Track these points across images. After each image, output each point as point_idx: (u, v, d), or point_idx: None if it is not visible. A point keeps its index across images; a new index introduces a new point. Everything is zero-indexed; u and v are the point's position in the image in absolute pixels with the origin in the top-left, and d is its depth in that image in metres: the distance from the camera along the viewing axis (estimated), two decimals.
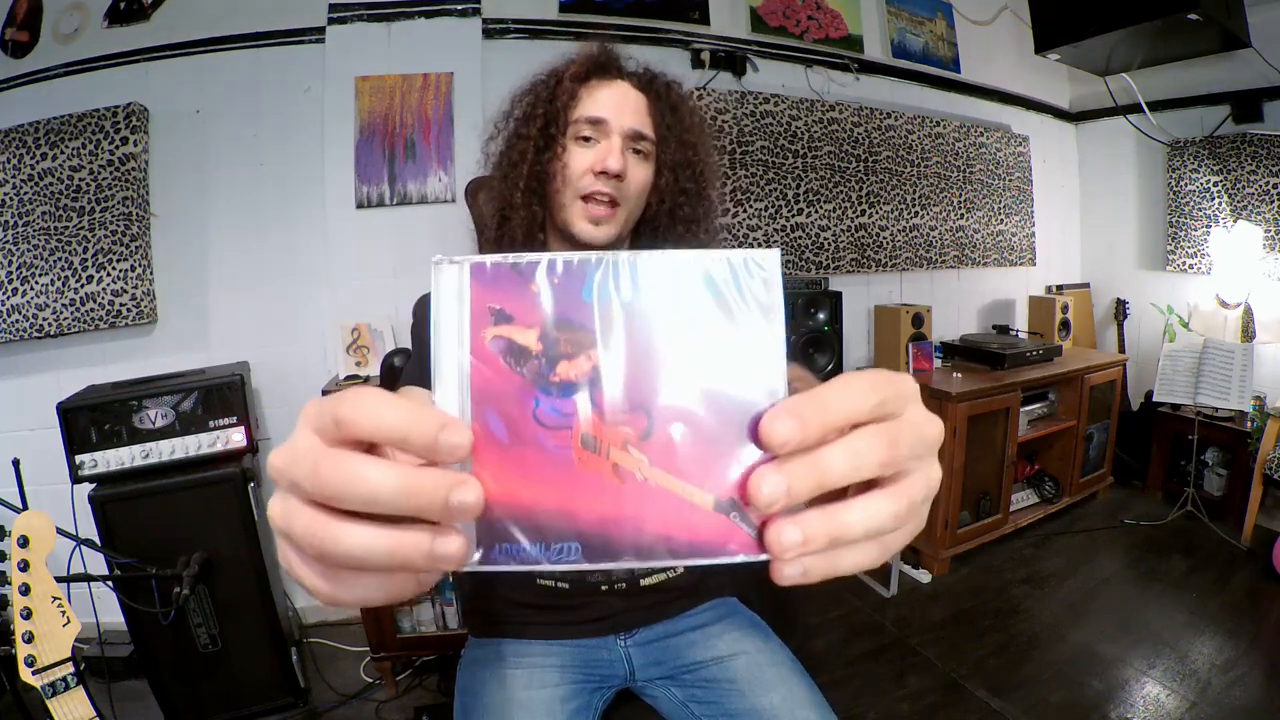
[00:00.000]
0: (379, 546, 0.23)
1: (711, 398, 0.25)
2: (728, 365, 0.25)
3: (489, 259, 0.25)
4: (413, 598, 0.24)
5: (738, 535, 0.25)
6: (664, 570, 0.90)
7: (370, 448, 0.24)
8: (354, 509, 0.23)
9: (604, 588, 0.88)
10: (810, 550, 0.25)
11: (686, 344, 0.25)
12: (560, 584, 0.87)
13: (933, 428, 0.28)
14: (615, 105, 0.80)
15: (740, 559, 0.25)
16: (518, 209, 0.81)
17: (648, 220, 0.85)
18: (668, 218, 0.84)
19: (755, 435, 0.24)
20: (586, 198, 0.78)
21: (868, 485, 0.26)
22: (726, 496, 0.25)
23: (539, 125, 0.80)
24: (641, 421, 0.25)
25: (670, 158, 0.82)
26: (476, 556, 0.24)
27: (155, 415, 1.65)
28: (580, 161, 0.79)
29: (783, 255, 2.49)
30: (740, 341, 0.25)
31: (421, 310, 0.89)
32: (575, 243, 0.80)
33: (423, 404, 0.24)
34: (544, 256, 0.25)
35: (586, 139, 0.79)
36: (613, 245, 0.80)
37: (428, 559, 0.23)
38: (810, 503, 0.25)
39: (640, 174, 0.81)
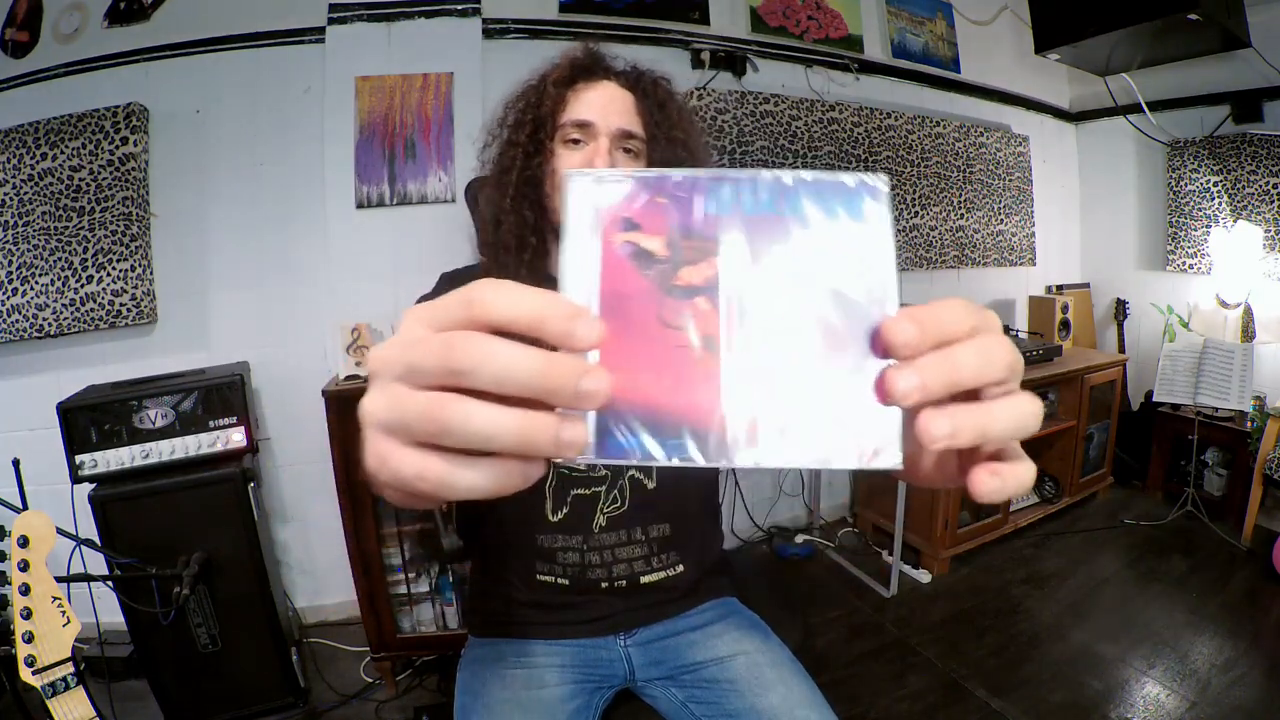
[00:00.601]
0: (510, 425, 0.23)
1: (829, 308, 0.26)
2: (843, 278, 0.26)
3: (620, 171, 0.27)
4: (515, 490, 0.23)
5: (850, 440, 0.25)
6: (665, 569, 0.90)
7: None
8: (483, 388, 0.23)
9: (604, 585, 0.88)
10: (958, 445, 0.25)
11: (804, 257, 0.26)
12: (560, 580, 0.88)
13: (1020, 355, 0.27)
14: (601, 107, 0.80)
15: (848, 465, 0.25)
16: (508, 214, 0.82)
17: None
18: None
19: (873, 344, 0.25)
20: None
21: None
22: (847, 403, 0.25)
23: (528, 131, 0.81)
24: (759, 325, 0.26)
25: (660, 155, 0.82)
26: (594, 447, 0.24)
27: (155, 415, 1.65)
28: (569, 164, 0.79)
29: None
30: (854, 257, 0.26)
31: (446, 276, 0.93)
32: None
33: (555, 294, 0.24)
34: (673, 171, 0.27)
35: (575, 142, 0.80)
36: None
37: (554, 443, 0.23)
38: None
39: None
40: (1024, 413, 0.26)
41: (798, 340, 0.25)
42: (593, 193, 0.26)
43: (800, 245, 0.26)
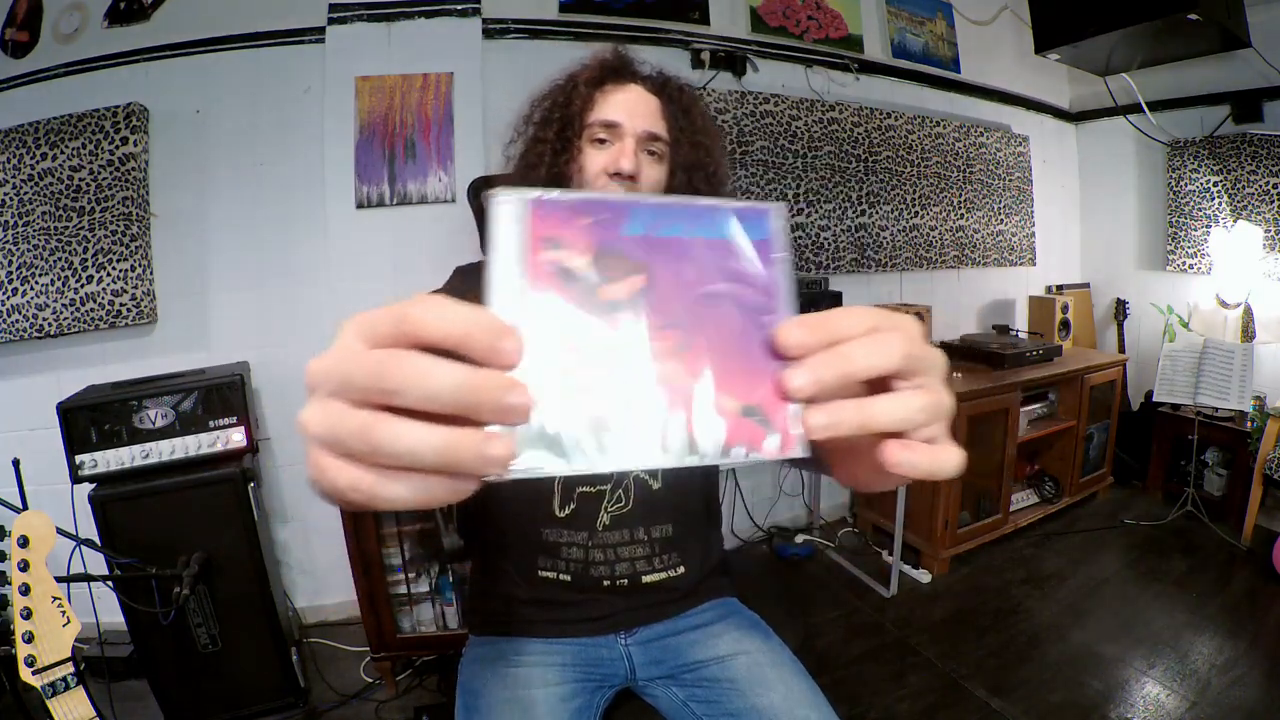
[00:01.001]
0: (434, 442, 0.23)
1: (734, 319, 0.29)
2: (746, 291, 0.29)
3: (546, 194, 0.28)
4: (444, 504, 0.24)
5: (760, 435, 0.27)
6: (666, 569, 0.90)
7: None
8: (411, 405, 0.23)
9: (605, 583, 0.88)
10: (839, 434, 0.27)
11: (712, 274, 0.29)
12: (563, 576, 0.88)
13: (936, 350, 0.30)
14: (629, 109, 0.82)
15: (760, 457, 0.27)
16: None
17: None
18: None
19: (774, 349, 0.28)
20: None
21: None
22: (750, 402, 0.28)
23: (556, 129, 0.83)
24: (676, 335, 0.28)
25: (683, 159, 0.85)
26: (518, 461, 0.25)
27: (155, 415, 1.65)
28: (595, 163, 0.81)
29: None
30: (754, 272, 0.30)
31: (460, 270, 0.93)
32: None
33: (483, 311, 0.25)
34: (594, 195, 0.30)
35: (601, 141, 0.82)
36: None
37: (477, 458, 0.24)
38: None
39: (653, 174, 0.83)
40: (915, 405, 0.28)
41: (712, 349, 0.28)
42: (519, 213, 0.27)
43: (709, 264, 0.29)
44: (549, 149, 0.82)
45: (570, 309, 0.27)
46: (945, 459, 0.29)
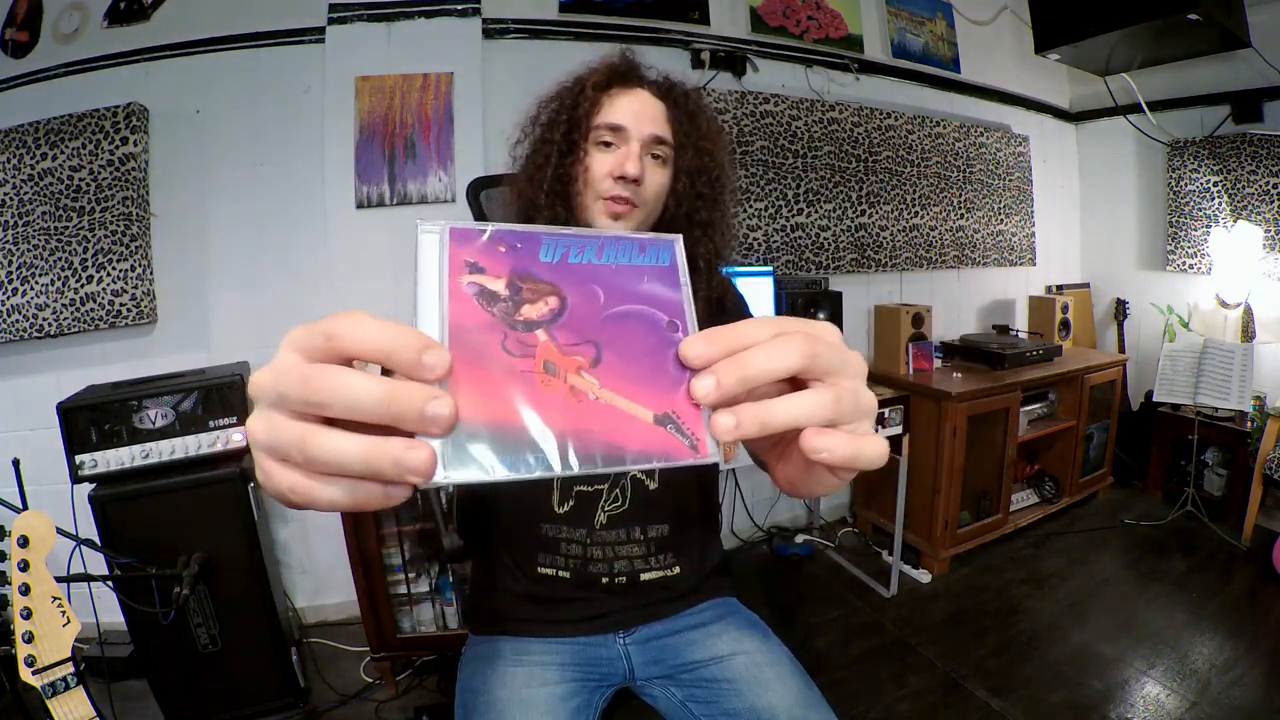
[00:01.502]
0: (357, 451, 0.25)
1: (644, 336, 0.31)
2: (652, 311, 0.32)
3: (464, 224, 0.31)
4: (380, 509, 0.27)
5: (673, 442, 0.29)
6: (663, 569, 0.91)
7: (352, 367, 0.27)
8: (339, 416, 0.25)
9: (604, 580, 0.88)
10: (744, 434, 0.29)
11: (622, 295, 0.32)
12: (562, 573, 0.88)
13: (852, 353, 0.32)
14: (635, 113, 0.83)
15: (676, 463, 0.29)
16: (541, 210, 0.84)
17: (665, 223, 0.87)
18: (685, 221, 0.86)
19: (680, 361, 0.30)
20: (607, 200, 0.82)
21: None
22: (663, 411, 0.29)
23: (562, 131, 0.83)
24: (590, 351, 0.30)
25: (687, 164, 0.85)
26: (442, 471, 0.26)
27: (155, 415, 1.65)
28: (600, 166, 0.82)
29: (786, 258, 2.51)
30: (660, 294, 0.33)
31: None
32: None
33: (406, 327, 0.27)
34: (508, 225, 0.32)
35: (607, 144, 0.83)
36: None
37: (396, 465, 0.25)
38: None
39: (658, 178, 0.84)
40: (815, 402, 0.30)
41: (624, 362, 0.30)
42: (442, 239, 0.30)
43: (618, 288, 0.32)
44: (555, 150, 0.83)
45: (488, 327, 0.29)
46: (865, 447, 0.30)
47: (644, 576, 0.90)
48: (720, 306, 0.93)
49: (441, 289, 0.29)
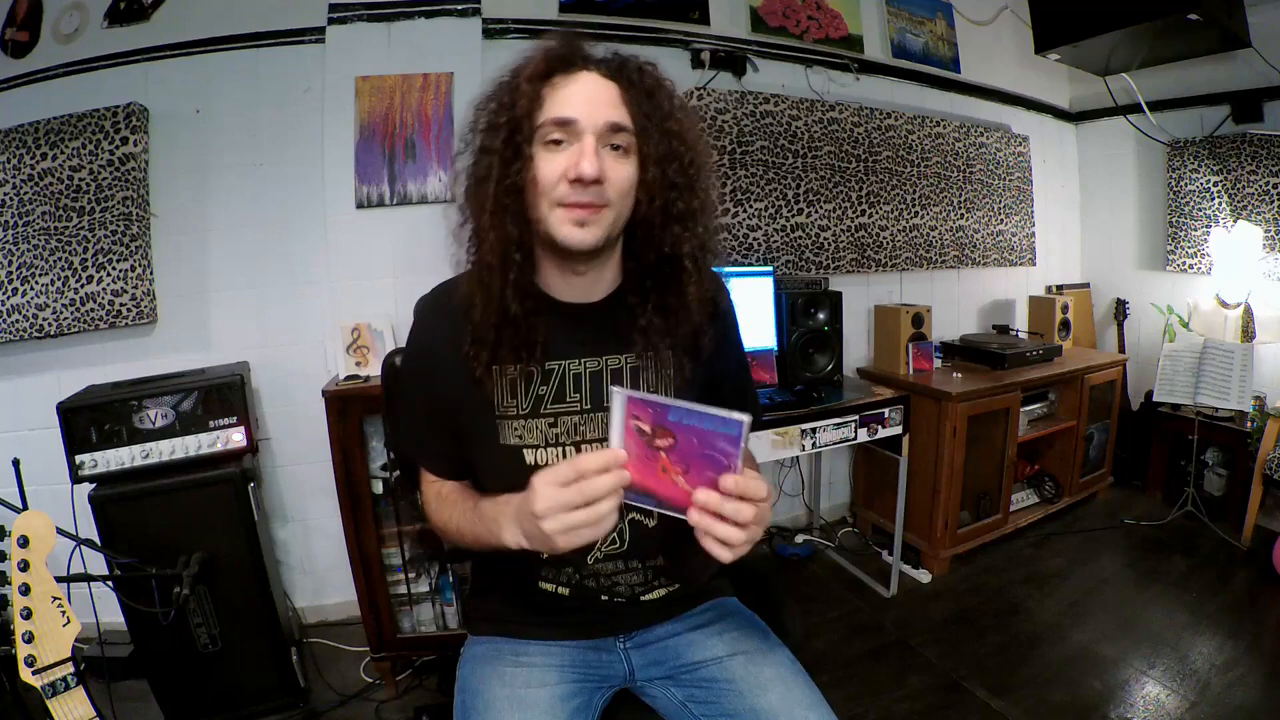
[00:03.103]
0: (609, 504, 0.62)
1: (710, 466, 0.62)
2: (718, 456, 0.61)
3: (635, 393, 0.62)
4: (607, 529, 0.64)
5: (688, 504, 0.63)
6: (664, 588, 0.91)
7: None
8: (594, 499, 0.61)
9: (603, 598, 0.88)
10: (697, 523, 0.63)
11: (705, 443, 0.61)
12: (560, 590, 0.87)
13: (769, 511, 0.67)
14: (584, 100, 0.72)
15: (688, 517, 0.63)
16: (488, 231, 0.75)
17: (640, 219, 0.77)
18: (660, 216, 0.77)
19: (717, 482, 0.62)
20: (565, 207, 0.72)
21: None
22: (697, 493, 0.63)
23: (503, 136, 0.73)
24: (683, 466, 0.62)
25: (654, 150, 0.74)
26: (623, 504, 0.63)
27: (155, 415, 1.65)
28: (551, 168, 0.71)
29: (786, 258, 2.51)
30: (724, 447, 0.60)
31: (421, 311, 0.88)
32: (562, 250, 0.74)
33: (606, 451, 0.63)
34: (655, 396, 0.61)
35: (557, 142, 0.72)
36: (600, 248, 0.75)
37: (618, 499, 0.63)
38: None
39: (622, 171, 0.73)
40: (746, 536, 0.63)
41: (698, 475, 0.62)
42: (622, 400, 0.62)
43: (705, 439, 0.60)
44: (497, 159, 0.73)
45: (642, 445, 0.62)
46: (738, 554, 0.64)
47: (645, 597, 0.90)
48: (714, 308, 0.86)
49: (622, 427, 0.62)
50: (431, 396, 0.85)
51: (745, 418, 0.58)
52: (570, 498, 0.61)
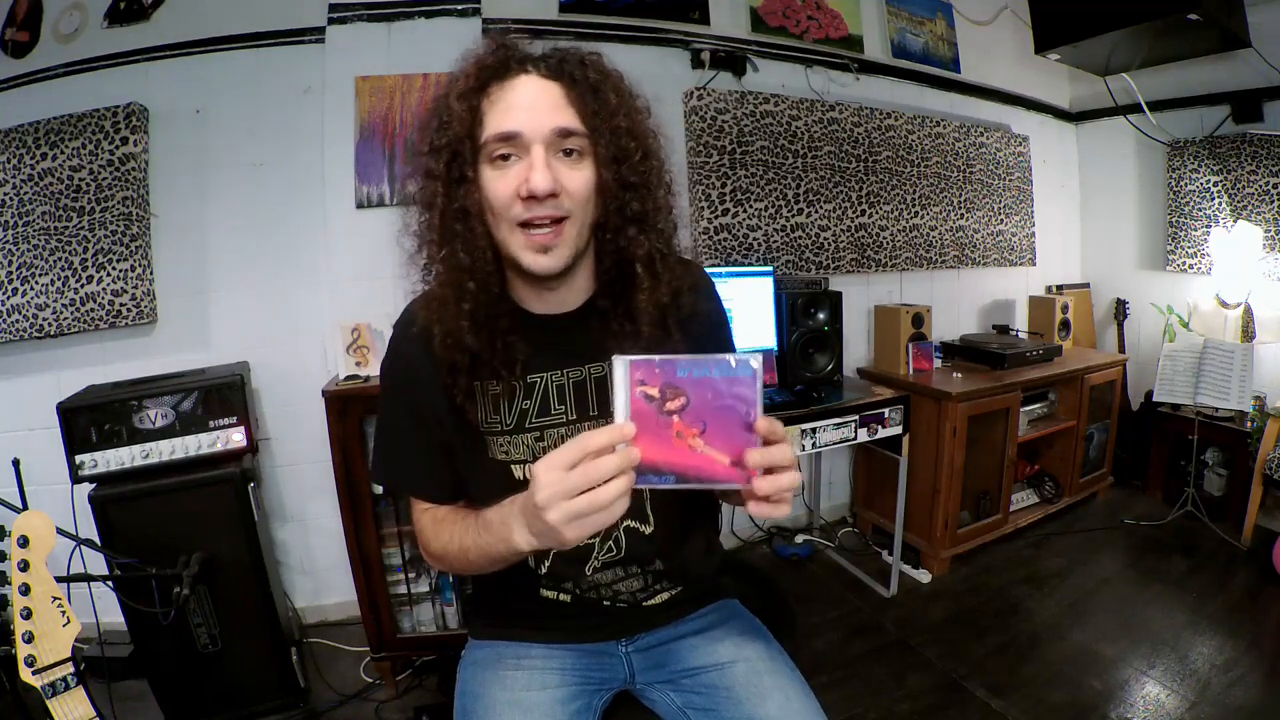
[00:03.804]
0: (617, 487, 0.56)
1: (730, 418, 0.58)
2: (738, 401, 0.58)
3: (638, 357, 0.57)
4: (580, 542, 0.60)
5: (734, 475, 0.58)
6: (665, 591, 0.90)
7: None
8: (600, 481, 0.55)
9: (605, 603, 0.88)
10: (770, 489, 0.58)
11: (721, 394, 0.57)
12: (562, 597, 0.87)
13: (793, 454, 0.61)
14: (525, 109, 0.67)
15: (733, 485, 0.59)
16: (436, 262, 0.73)
17: (600, 224, 0.74)
18: (617, 218, 0.73)
19: (750, 430, 0.58)
20: (525, 225, 0.68)
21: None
22: (735, 458, 0.58)
23: (445, 158, 0.69)
24: (700, 426, 0.58)
25: (605, 150, 0.70)
26: (635, 480, 0.57)
27: (155, 415, 1.65)
28: (502, 187, 0.67)
29: (786, 258, 2.51)
30: (743, 394, 0.57)
31: (397, 336, 0.86)
32: (528, 275, 0.72)
33: (611, 426, 0.57)
34: (660, 356, 0.57)
35: (505, 157, 0.68)
36: (568, 268, 0.72)
37: (625, 483, 0.56)
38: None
39: (577, 179, 0.69)
40: (788, 480, 0.59)
41: (719, 433, 0.58)
42: (625, 366, 0.57)
43: (721, 389, 0.57)
44: (440, 185, 0.70)
45: (651, 413, 0.57)
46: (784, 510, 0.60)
47: (647, 603, 0.89)
48: (686, 302, 0.80)
49: (627, 398, 0.57)
50: (417, 416, 0.82)
51: (758, 358, 0.56)
52: (574, 482, 0.54)
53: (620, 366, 0.56)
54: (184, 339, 2.00)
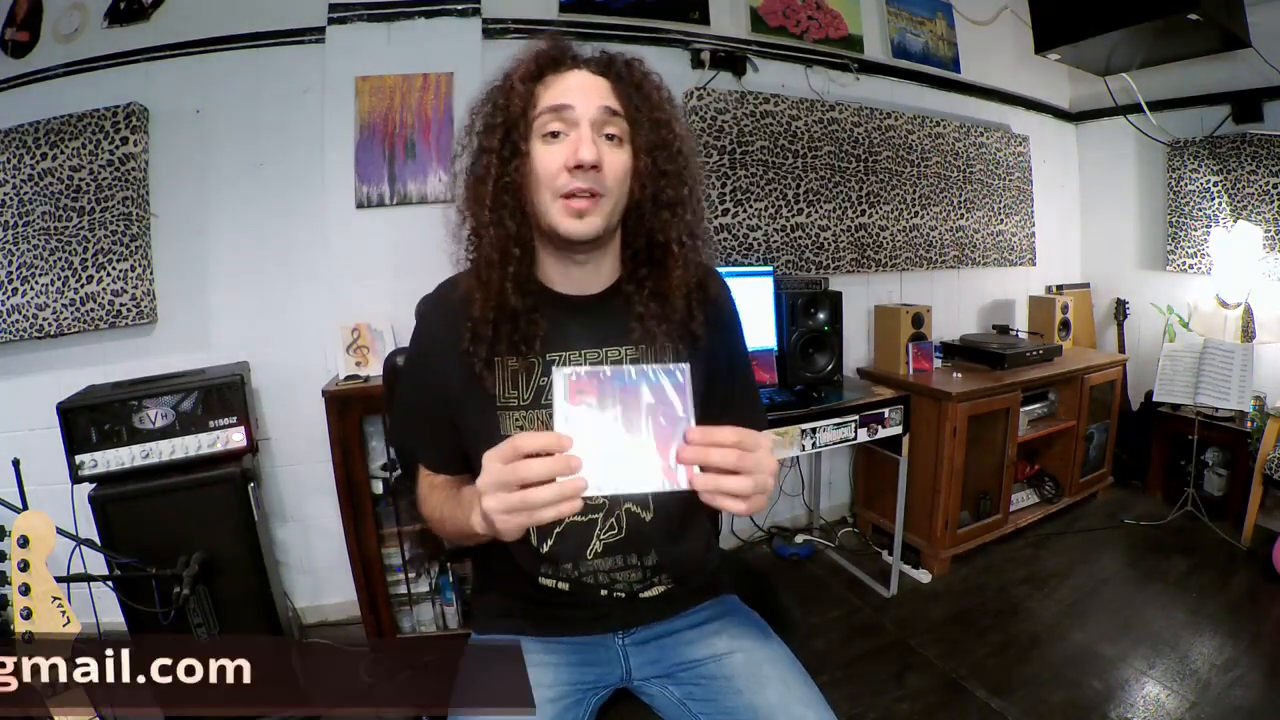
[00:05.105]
0: (550, 492, 0.58)
1: (665, 420, 0.61)
2: (670, 407, 0.61)
3: (576, 369, 0.61)
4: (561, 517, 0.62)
5: (674, 475, 0.60)
6: (662, 586, 0.90)
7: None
8: (534, 482, 0.58)
9: (603, 593, 0.88)
10: (701, 486, 0.60)
11: (658, 398, 0.61)
12: (560, 585, 0.87)
13: (771, 460, 0.63)
14: (578, 89, 0.75)
15: (673, 487, 0.60)
16: (488, 227, 0.77)
17: (633, 208, 0.80)
18: (651, 203, 0.79)
19: (682, 436, 0.60)
20: (567, 196, 0.74)
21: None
22: (671, 462, 0.60)
23: (500, 135, 0.76)
24: (635, 430, 0.61)
25: (645, 140, 0.78)
26: (584, 488, 0.58)
27: (155, 415, 1.65)
28: (551, 160, 0.74)
29: (786, 258, 2.51)
30: (674, 399, 0.61)
31: (423, 309, 0.90)
32: (563, 241, 0.77)
33: (549, 432, 0.59)
34: (596, 369, 0.61)
35: (554, 134, 0.75)
36: (599, 237, 0.78)
37: (568, 487, 0.58)
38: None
39: (618, 160, 0.76)
40: (735, 483, 0.60)
41: (655, 435, 0.60)
42: (565, 378, 0.60)
43: (657, 394, 0.61)
44: (495, 158, 0.76)
45: (588, 421, 0.60)
46: (751, 505, 0.61)
47: (643, 595, 0.89)
48: (706, 295, 0.87)
49: (566, 404, 0.60)
50: (431, 391, 0.85)
51: (685, 365, 0.62)
52: (506, 477, 0.58)
53: (560, 378, 0.60)
54: (184, 339, 2.00)
